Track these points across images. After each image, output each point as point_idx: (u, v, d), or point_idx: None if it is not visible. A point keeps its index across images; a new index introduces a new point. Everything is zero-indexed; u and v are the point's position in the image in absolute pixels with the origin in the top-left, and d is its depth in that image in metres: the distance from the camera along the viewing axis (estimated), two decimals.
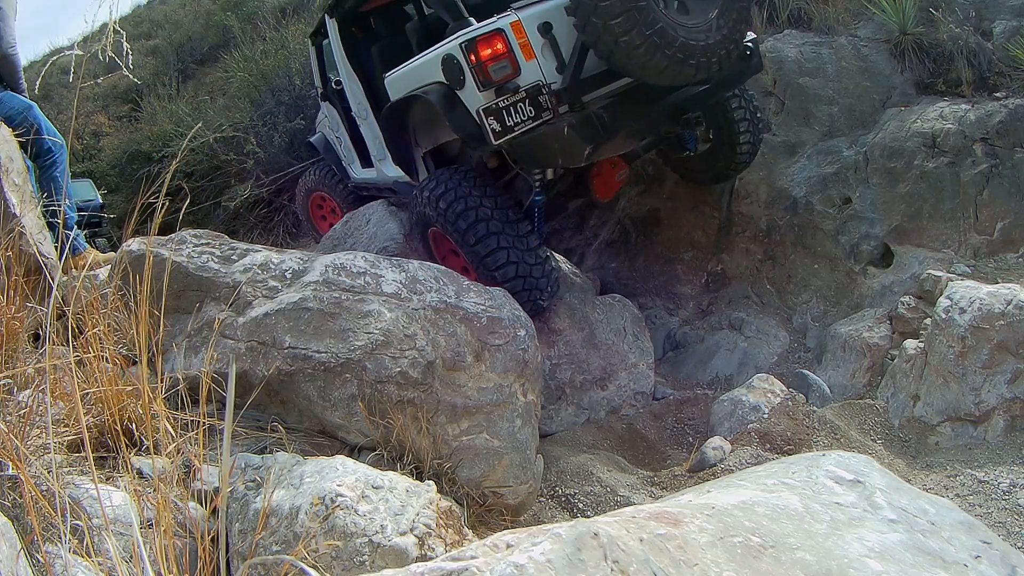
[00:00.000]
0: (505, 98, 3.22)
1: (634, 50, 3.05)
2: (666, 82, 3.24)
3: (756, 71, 4.03)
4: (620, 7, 2.96)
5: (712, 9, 3.27)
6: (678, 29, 3.10)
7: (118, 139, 10.07)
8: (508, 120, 3.22)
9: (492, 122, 3.21)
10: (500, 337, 2.39)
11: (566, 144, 3.23)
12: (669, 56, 3.08)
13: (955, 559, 1.26)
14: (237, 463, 1.74)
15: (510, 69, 3.24)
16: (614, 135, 3.33)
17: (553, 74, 3.34)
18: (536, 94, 3.26)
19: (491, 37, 3.22)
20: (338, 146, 5.53)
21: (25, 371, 1.83)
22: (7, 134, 2.88)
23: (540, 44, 3.32)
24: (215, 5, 12.40)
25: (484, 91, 3.23)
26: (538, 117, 3.27)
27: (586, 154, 3.28)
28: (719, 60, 3.27)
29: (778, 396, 3.25)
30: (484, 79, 3.20)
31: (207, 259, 2.43)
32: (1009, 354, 2.82)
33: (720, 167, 4.67)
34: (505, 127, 3.22)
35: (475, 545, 1.19)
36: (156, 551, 1.31)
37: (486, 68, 3.20)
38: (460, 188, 3.52)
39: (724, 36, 3.27)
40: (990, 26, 4.79)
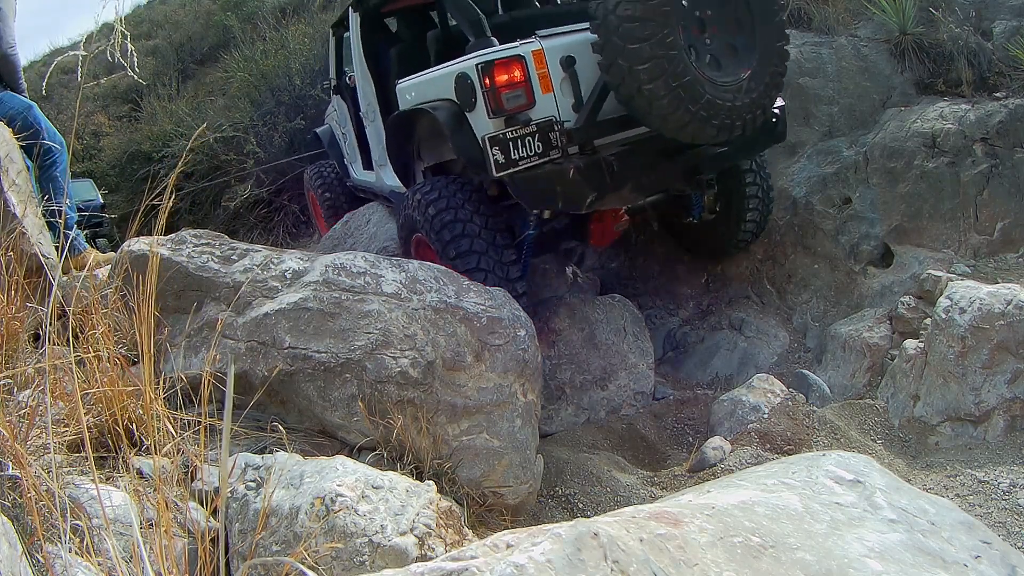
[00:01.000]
0: (514, 129, 3.06)
1: (657, 100, 2.88)
2: (685, 139, 3.08)
3: (779, 140, 3.85)
4: (649, 53, 2.80)
5: (745, 69, 3.12)
6: (706, 85, 2.95)
7: (118, 139, 10.07)
8: (513, 153, 3.06)
9: (496, 152, 3.04)
10: (500, 337, 2.39)
11: (570, 188, 3.08)
12: (692, 112, 2.92)
13: (955, 559, 1.26)
14: (237, 463, 1.75)
15: (524, 100, 3.09)
16: (621, 186, 3.16)
17: (568, 111, 3.18)
18: (547, 130, 3.10)
19: (510, 63, 3.06)
20: (343, 142, 5.44)
21: (25, 371, 1.83)
22: (7, 134, 2.88)
23: (560, 78, 3.16)
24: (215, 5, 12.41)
25: (494, 118, 3.08)
26: (545, 154, 3.11)
27: (588, 201, 3.12)
28: (743, 124, 3.11)
29: (778, 396, 3.25)
30: (496, 106, 3.05)
31: (207, 259, 2.43)
32: (1009, 354, 2.82)
33: (720, 241, 4.46)
34: (509, 160, 3.06)
35: (475, 545, 1.19)
36: (156, 551, 1.31)
37: (499, 95, 3.04)
38: (453, 199, 3.39)
39: (752, 100, 3.11)
40: (990, 26, 4.79)
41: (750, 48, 3.15)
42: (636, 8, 2.78)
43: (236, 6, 11.41)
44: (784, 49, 3.27)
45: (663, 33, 2.79)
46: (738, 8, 3.12)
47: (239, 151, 7.90)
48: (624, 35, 2.81)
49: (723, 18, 3.11)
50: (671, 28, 2.82)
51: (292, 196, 7.72)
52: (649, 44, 2.79)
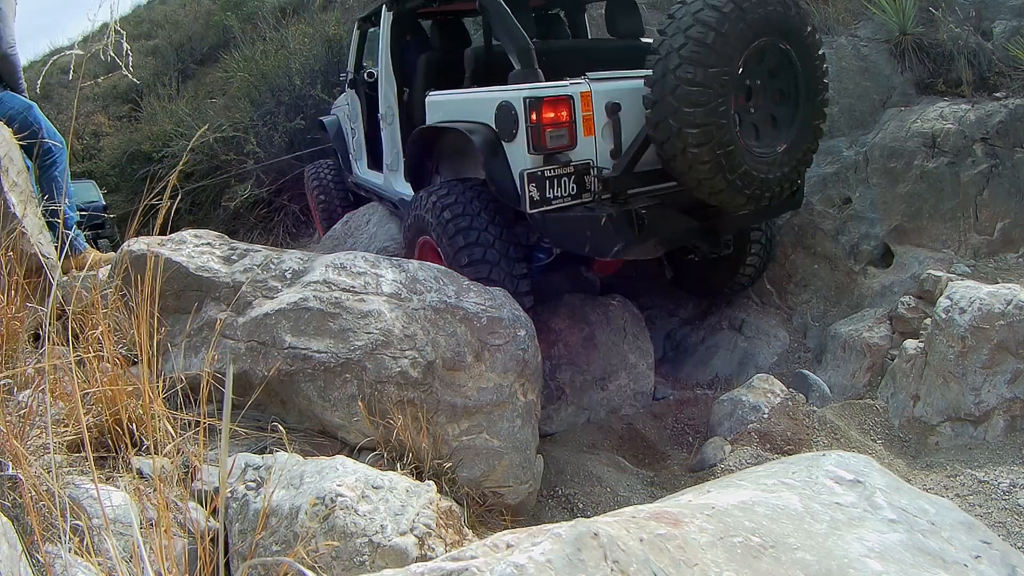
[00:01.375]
0: (552, 168, 3.04)
1: (699, 164, 2.89)
2: (714, 203, 3.09)
3: (795, 208, 3.89)
4: (702, 119, 2.80)
5: (782, 143, 3.13)
6: (746, 156, 2.97)
7: (118, 139, 10.08)
8: (548, 192, 3.05)
9: (532, 189, 3.02)
10: (500, 337, 2.39)
11: (599, 235, 3.04)
12: (729, 181, 2.94)
13: (955, 559, 1.26)
14: (237, 463, 1.75)
15: (567, 140, 3.05)
16: (647, 239, 3.13)
17: (606, 157, 3.16)
18: (584, 173, 3.09)
19: (558, 102, 3.02)
20: (350, 137, 5.37)
21: (25, 371, 1.83)
22: (7, 134, 2.88)
23: (603, 123, 3.13)
24: (215, 5, 12.41)
25: (533, 154, 3.04)
26: (578, 197, 3.10)
27: (615, 250, 3.08)
28: (772, 196, 3.13)
29: (778, 396, 3.25)
30: (538, 143, 3.00)
31: (207, 259, 2.43)
32: (1009, 354, 2.82)
33: (719, 281, 4.44)
34: (543, 198, 3.04)
35: (475, 545, 1.19)
36: (156, 551, 1.31)
37: (544, 132, 3.00)
38: (470, 205, 3.32)
39: (784, 173, 3.13)
40: (990, 26, 4.79)
41: (790, 122, 3.17)
42: (698, 74, 2.77)
43: (236, 6, 11.41)
44: (820, 128, 3.29)
45: (718, 102, 2.80)
46: (787, 81, 3.14)
47: (239, 151, 7.90)
48: (680, 97, 2.80)
49: (769, 89, 3.12)
50: (726, 98, 2.82)
51: (292, 196, 7.73)
52: (703, 110, 2.79)
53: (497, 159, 3.20)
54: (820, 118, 3.27)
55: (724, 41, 2.78)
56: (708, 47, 2.77)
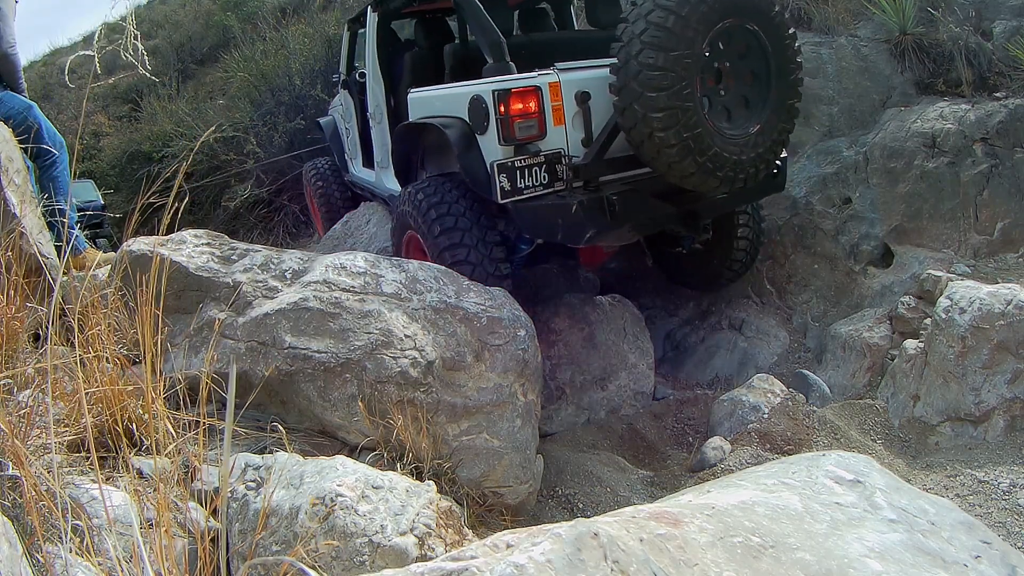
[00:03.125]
0: (522, 159, 3.08)
1: (667, 148, 2.90)
2: (687, 186, 3.10)
3: (778, 190, 3.88)
4: (665, 103, 2.81)
5: (755, 124, 3.13)
6: (716, 138, 2.96)
7: (118, 139, 10.08)
8: (520, 182, 3.10)
9: (503, 179, 3.08)
10: (500, 337, 2.39)
11: (570, 222, 3.08)
12: (699, 164, 2.94)
13: (955, 559, 1.26)
14: (237, 463, 1.75)
15: (536, 131, 3.10)
16: (620, 225, 3.17)
17: (577, 145, 3.19)
18: (555, 162, 3.13)
19: (525, 93, 3.06)
20: (345, 137, 5.45)
21: (25, 371, 1.83)
22: (7, 134, 2.88)
23: (573, 112, 3.16)
24: (215, 5, 12.41)
25: (504, 145, 3.09)
26: (550, 186, 3.14)
27: (587, 237, 3.13)
28: (746, 177, 3.13)
29: (778, 396, 3.25)
30: (507, 134, 3.06)
31: (207, 259, 2.43)
32: (1009, 354, 2.82)
33: (708, 273, 4.46)
34: (515, 188, 3.09)
35: (475, 545, 1.19)
36: (156, 551, 1.31)
37: (512, 123, 3.05)
38: (449, 195, 3.39)
39: (758, 155, 3.12)
40: (990, 26, 4.79)
41: (762, 103, 3.16)
42: (659, 58, 2.78)
43: (236, 6, 11.41)
44: (795, 107, 3.28)
45: (681, 85, 2.81)
46: (757, 62, 3.13)
47: (239, 151, 7.90)
48: (643, 82, 2.81)
49: (740, 71, 3.12)
50: (690, 80, 2.83)
51: (292, 196, 7.73)
52: (667, 94, 2.80)
53: (471, 152, 3.25)
54: (794, 98, 3.26)
55: (685, 24, 2.79)
56: (668, 31, 2.78)
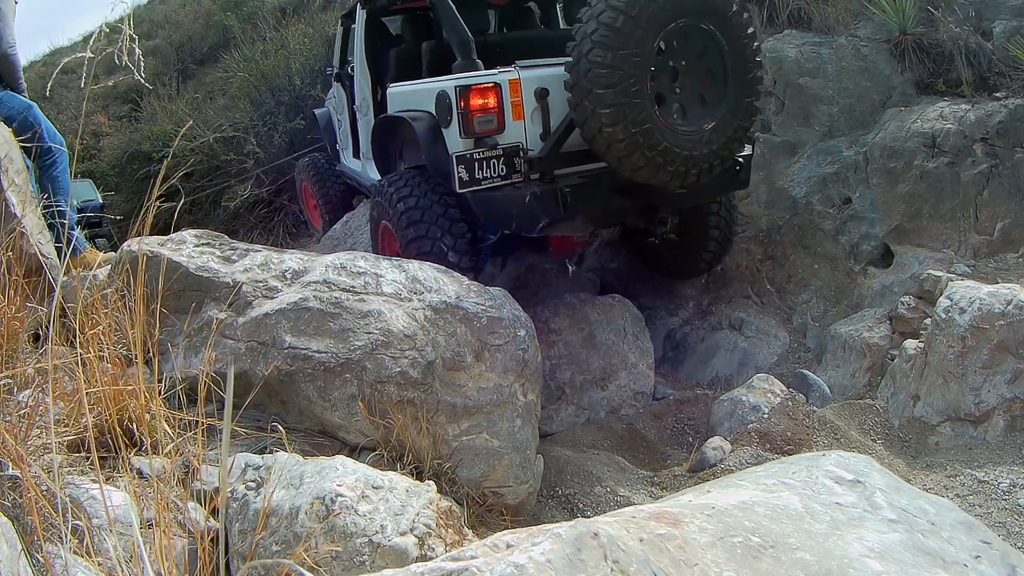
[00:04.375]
0: (480, 151, 3.24)
1: (616, 143, 3.00)
2: (639, 180, 3.18)
3: (741, 187, 3.97)
4: (613, 99, 2.91)
5: (710, 121, 3.20)
6: (666, 134, 3.05)
7: (118, 139, 10.06)
8: (477, 173, 3.24)
9: (462, 170, 3.22)
10: (500, 337, 2.39)
11: (524, 212, 3.23)
12: (648, 158, 3.03)
13: (955, 559, 1.26)
14: (237, 463, 1.74)
15: (494, 125, 3.25)
16: (573, 217, 3.30)
17: (536, 140, 3.33)
18: (513, 155, 3.28)
19: (485, 89, 3.22)
20: (337, 128, 5.64)
21: (25, 371, 1.83)
22: (7, 134, 2.88)
23: (532, 108, 3.31)
24: (215, 5, 12.40)
25: (464, 139, 3.24)
26: (508, 178, 3.28)
27: (540, 227, 3.27)
28: (699, 172, 3.20)
29: (778, 396, 3.25)
30: (467, 128, 3.21)
31: (207, 259, 2.43)
32: (1009, 354, 2.82)
33: (682, 263, 4.57)
34: (472, 178, 3.24)
35: (475, 545, 1.19)
36: (156, 551, 1.31)
37: (472, 118, 3.21)
38: (418, 187, 3.52)
39: (712, 151, 3.20)
40: (990, 26, 4.79)
41: (719, 101, 3.23)
42: (607, 56, 2.88)
43: (236, 6, 11.40)
44: (754, 105, 3.34)
45: (629, 82, 2.90)
46: (714, 61, 3.20)
47: (239, 151, 7.89)
48: (592, 79, 2.92)
49: (697, 69, 3.19)
50: (638, 78, 2.92)
51: (292, 196, 7.72)
52: (614, 91, 2.90)
53: (437, 144, 3.41)
54: (753, 96, 3.31)
55: (634, 24, 2.88)
56: (617, 31, 2.87)
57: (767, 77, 5.05)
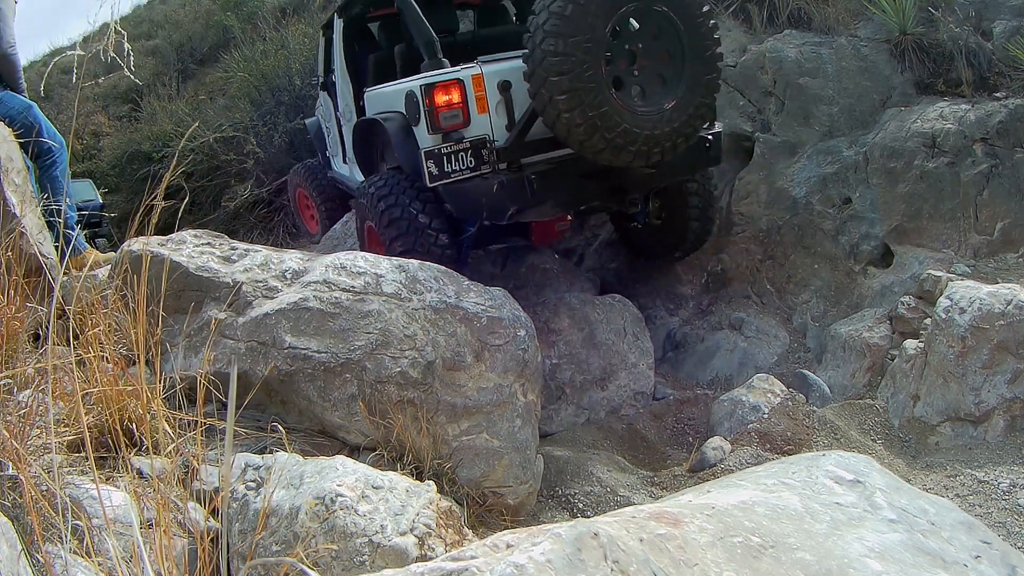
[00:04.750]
0: (448, 145, 3.35)
1: (575, 127, 3.08)
2: (603, 162, 3.25)
3: (712, 164, 4.04)
4: (568, 84, 3.00)
5: (670, 100, 3.27)
6: (625, 115, 3.12)
7: (118, 139, 10.06)
8: (446, 166, 3.36)
9: (431, 165, 3.34)
10: (500, 337, 2.39)
11: (493, 200, 3.35)
12: (608, 140, 3.11)
13: (955, 559, 1.26)
14: (237, 463, 1.74)
15: (460, 119, 3.37)
16: (542, 202, 3.40)
17: (502, 131, 3.44)
18: (480, 147, 3.39)
19: (449, 86, 3.34)
20: (327, 136, 5.76)
21: (25, 371, 1.83)
22: (7, 134, 2.87)
23: (496, 101, 3.42)
24: (215, 5, 12.38)
25: (432, 134, 3.36)
26: (477, 169, 3.39)
27: (510, 214, 3.38)
28: (662, 151, 3.27)
29: (778, 396, 3.24)
30: (434, 124, 3.34)
31: (207, 259, 2.43)
32: (1009, 354, 2.82)
33: (668, 246, 4.64)
34: (442, 172, 3.35)
35: (475, 545, 1.19)
36: (156, 551, 1.31)
37: (437, 114, 3.33)
38: (397, 187, 3.64)
39: (674, 129, 3.26)
40: (990, 26, 4.79)
41: (678, 80, 3.30)
42: (559, 44, 2.98)
43: (236, 6, 11.39)
44: (714, 82, 3.42)
45: (582, 68, 2.99)
46: (670, 42, 3.27)
47: (239, 151, 7.89)
48: (547, 68, 3.01)
49: (654, 51, 3.27)
50: (591, 63, 3.01)
51: None
52: (568, 77, 2.99)
53: (408, 142, 3.56)
54: (712, 73, 3.38)
55: (583, 11, 2.97)
56: (567, 19, 2.97)
57: (767, 78, 5.05)
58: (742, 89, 5.13)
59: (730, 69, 5.23)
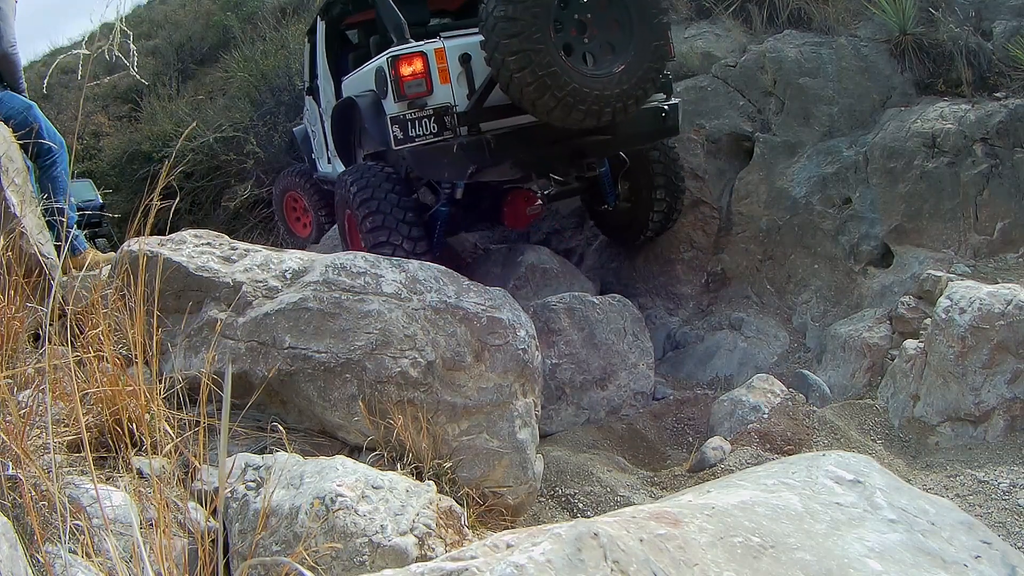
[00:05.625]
0: (413, 112, 3.60)
1: (525, 87, 3.31)
2: (555, 121, 3.47)
3: (669, 134, 4.25)
4: (518, 46, 3.24)
5: (619, 65, 3.49)
6: (574, 75, 3.34)
7: (118, 139, 10.05)
8: (411, 131, 3.61)
9: (396, 130, 3.61)
10: (500, 337, 2.39)
11: (454, 160, 3.60)
12: (558, 99, 3.31)
13: (955, 559, 1.26)
14: (237, 463, 1.74)
15: (424, 88, 3.62)
16: (500, 162, 3.65)
17: (463, 99, 3.69)
18: (443, 114, 3.64)
19: (412, 57, 3.61)
20: (312, 139, 5.91)
21: (25, 371, 1.83)
22: (7, 134, 2.87)
23: (457, 72, 3.68)
24: (215, 5, 12.37)
25: (398, 103, 3.62)
26: (440, 135, 3.64)
27: (469, 172, 3.64)
28: (612, 111, 3.48)
29: (778, 396, 3.24)
30: (399, 93, 3.60)
31: (207, 259, 2.42)
32: (1009, 354, 2.82)
33: (636, 227, 4.82)
34: (407, 136, 3.61)
35: (475, 545, 1.19)
36: (156, 551, 1.31)
37: (402, 83, 3.58)
38: (373, 179, 3.83)
39: (623, 91, 3.47)
40: (990, 26, 4.79)
41: (626, 46, 3.52)
42: (509, 9, 3.24)
43: (236, 6, 11.38)
44: (662, 48, 3.64)
45: (531, 31, 3.24)
46: (619, 11, 3.51)
47: (239, 151, 7.89)
48: (499, 32, 3.27)
49: (604, 20, 3.52)
50: (539, 26, 3.26)
51: None
52: (518, 39, 3.24)
53: (379, 116, 3.81)
54: (660, 39, 3.62)
55: None
56: None
57: (767, 78, 5.05)
58: (742, 89, 5.14)
59: (730, 69, 5.23)
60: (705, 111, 5.17)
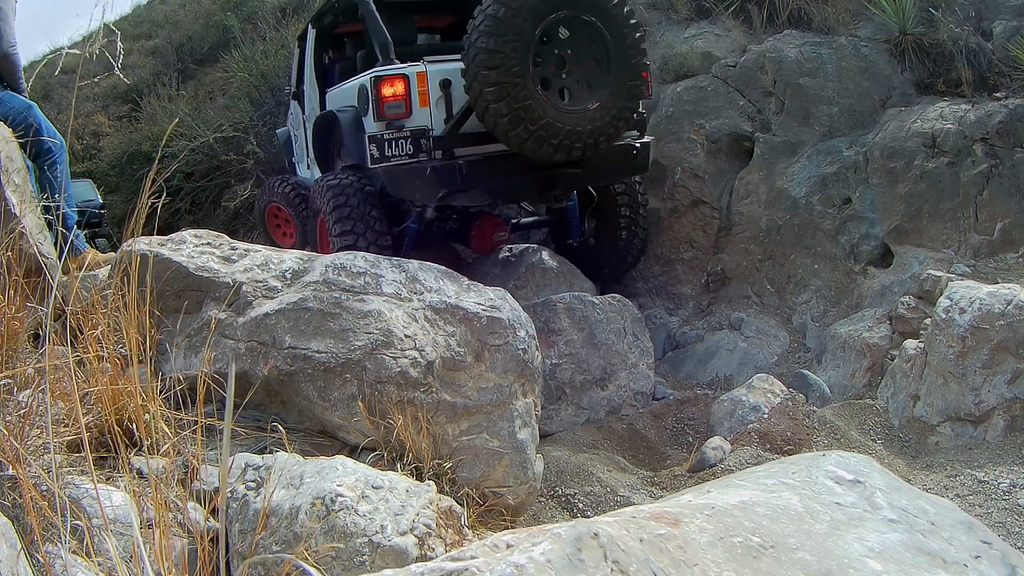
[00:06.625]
0: (390, 132, 3.71)
1: (500, 118, 3.39)
2: (527, 153, 3.56)
3: (639, 171, 4.34)
4: (496, 78, 3.32)
5: (593, 101, 3.56)
6: (547, 109, 3.42)
7: (118, 139, 10.05)
8: (388, 151, 3.71)
9: (373, 148, 3.71)
10: (500, 337, 2.39)
11: (426, 183, 3.69)
12: (531, 131, 3.40)
13: (955, 559, 1.26)
14: (237, 463, 1.74)
15: (403, 110, 3.73)
16: (470, 187, 3.74)
17: (440, 124, 3.80)
18: (419, 136, 3.75)
19: (394, 79, 3.72)
20: (294, 143, 5.97)
21: (25, 371, 1.83)
22: (7, 134, 2.87)
23: (437, 96, 3.78)
24: (215, 5, 12.37)
25: (377, 122, 3.73)
26: (415, 156, 3.74)
27: (440, 196, 3.73)
28: (584, 146, 3.55)
29: (778, 396, 3.24)
30: (379, 113, 3.70)
31: (207, 259, 2.42)
32: (1009, 354, 2.82)
33: (601, 263, 4.90)
34: (383, 155, 3.71)
35: (475, 545, 1.19)
36: (156, 551, 1.31)
37: (383, 104, 3.69)
38: (348, 188, 3.92)
39: (595, 127, 3.55)
40: (990, 26, 4.79)
41: (603, 84, 3.59)
42: (490, 42, 3.32)
43: (236, 6, 11.38)
44: (638, 88, 3.72)
45: (510, 64, 3.32)
46: (598, 50, 3.57)
47: (239, 151, 7.89)
48: (479, 62, 3.36)
49: (583, 57, 3.60)
50: (518, 60, 3.34)
51: None
52: (496, 72, 3.32)
53: (359, 133, 3.91)
54: (635, 80, 3.69)
55: (514, 14, 3.31)
56: (499, 20, 3.32)
57: (767, 78, 5.05)
58: (742, 89, 5.13)
59: (730, 69, 5.23)
60: (705, 111, 5.17)
